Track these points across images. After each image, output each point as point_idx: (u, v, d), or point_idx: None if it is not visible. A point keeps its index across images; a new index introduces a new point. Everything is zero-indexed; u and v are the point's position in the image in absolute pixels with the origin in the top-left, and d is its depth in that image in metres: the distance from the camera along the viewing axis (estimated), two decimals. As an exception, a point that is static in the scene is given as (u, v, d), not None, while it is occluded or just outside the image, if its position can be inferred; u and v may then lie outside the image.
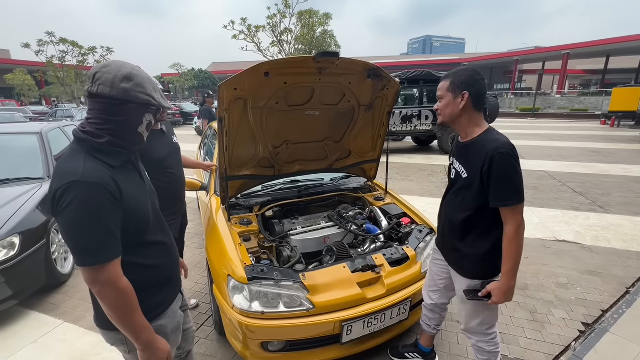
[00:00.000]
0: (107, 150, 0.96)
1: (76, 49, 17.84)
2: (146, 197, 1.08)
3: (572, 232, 3.75)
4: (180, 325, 1.22)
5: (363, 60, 2.10)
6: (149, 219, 1.06)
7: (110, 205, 0.90)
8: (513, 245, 1.27)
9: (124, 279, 0.94)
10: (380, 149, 2.69)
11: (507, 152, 1.24)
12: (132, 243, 1.01)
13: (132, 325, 0.96)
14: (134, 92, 0.94)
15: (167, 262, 1.16)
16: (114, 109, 0.95)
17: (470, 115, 1.34)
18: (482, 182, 1.28)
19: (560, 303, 2.48)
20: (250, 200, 2.43)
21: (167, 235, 1.19)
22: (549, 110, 24.10)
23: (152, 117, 1.04)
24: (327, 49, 20.58)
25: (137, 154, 1.12)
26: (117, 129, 0.97)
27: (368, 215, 2.43)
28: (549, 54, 32.17)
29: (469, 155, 1.35)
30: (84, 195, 0.86)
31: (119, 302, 0.92)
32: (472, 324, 1.52)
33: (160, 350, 1.03)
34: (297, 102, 2.15)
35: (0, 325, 2.29)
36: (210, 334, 2.17)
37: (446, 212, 1.54)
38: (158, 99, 1.01)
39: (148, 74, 1.03)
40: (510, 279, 1.30)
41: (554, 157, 8.14)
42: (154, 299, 1.10)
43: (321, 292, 1.68)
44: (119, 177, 0.96)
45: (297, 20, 18.73)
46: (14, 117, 11.76)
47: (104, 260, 0.89)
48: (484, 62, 39.04)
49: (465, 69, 1.35)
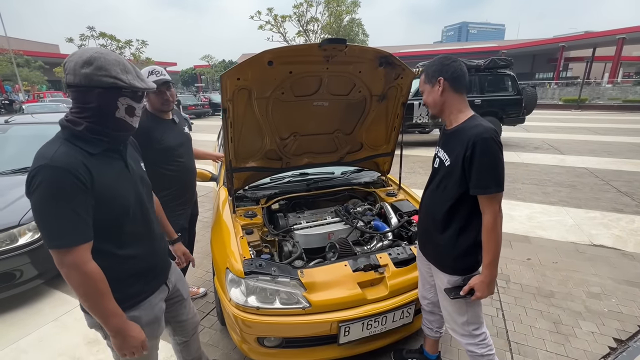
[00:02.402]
0: (86, 137, 0.97)
1: (114, 42, 18.84)
2: (128, 186, 1.07)
3: (612, 237, 3.40)
4: (158, 318, 1.21)
5: (379, 48, 1.98)
6: (129, 208, 1.05)
7: (76, 190, 0.90)
8: (492, 236, 1.26)
9: (91, 265, 0.93)
10: (395, 142, 2.55)
11: (490, 137, 1.21)
12: (110, 231, 1.01)
13: (100, 310, 0.96)
14: (95, 76, 0.91)
15: (148, 254, 1.15)
16: (83, 96, 0.94)
17: (452, 99, 1.35)
18: (464, 168, 1.27)
19: (590, 315, 2.25)
20: (258, 193, 2.40)
21: (150, 226, 1.17)
22: (597, 102, 22.07)
23: (129, 100, 0.99)
24: (354, 37, 20.12)
25: (125, 142, 1.11)
26: (93, 116, 0.96)
27: (378, 211, 2.33)
28: (600, 39, 29.28)
29: (452, 143, 1.34)
30: (49, 179, 0.87)
31: (85, 286, 0.93)
32: (457, 322, 1.46)
33: (133, 337, 1.02)
34: (304, 92, 2.07)
35: (29, 302, 2.47)
36: (215, 324, 2.20)
37: (427, 204, 1.51)
38: (128, 80, 0.96)
39: (117, 56, 0.98)
40: (492, 270, 1.29)
41: (598, 152, 7.44)
42: (130, 289, 1.10)
43: (319, 290, 1.62)
44: (96, 164, 0.96)
45: (324, 8, 18.39)
46: (59, 107, 12.66)
47: (69, 245, 0.90)
48: (525, 49, 36.38)
49: (435, 59, 1.39)
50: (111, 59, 0.95)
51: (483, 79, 7.94)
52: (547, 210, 4.14)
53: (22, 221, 2.35)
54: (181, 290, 1.43)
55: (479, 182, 1.23)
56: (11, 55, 21.00)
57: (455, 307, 1.44)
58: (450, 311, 1.47)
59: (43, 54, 29.01)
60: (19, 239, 2.31)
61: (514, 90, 7.98)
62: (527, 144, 8.62)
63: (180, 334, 1.54)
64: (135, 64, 9.36)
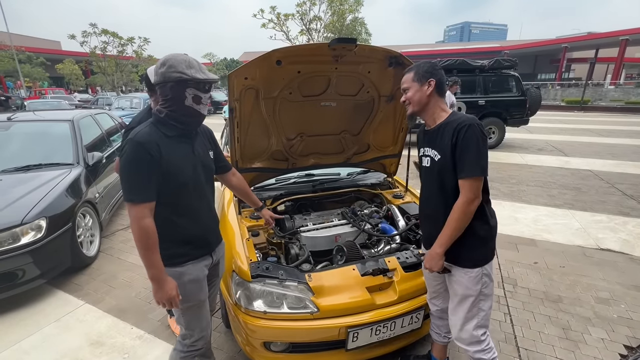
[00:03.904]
0: (167, 122, 1.24)
1: (116, 39, 18.78)
2: (189, 165, 1.28)
3: (619, 241, 3.36)
4: (200, 279, 1.39)
5: (388, 48, 1.94)
6: (186, 184, 1.27)
7: (147, 161, 1.15)
8: (456, 215, 1.30)
9: (147, 221, 1.16)
10: (402, 144, 2.52)
11: (474, 124, 1.29)
12: (169, 200, 1.23)
13: (145, 259, 1.18)
14: (168, 73, 1.16)
15: (198, 226, 1.36)
16: (163, 90, 1.20)
17: (436, 100, 1.41)
18: (454, 157, 1.32)
19: (599, 321, 2.22)
20: (263, 194, 2.37)
21: (203, 203, 1.37)
22: (599, 103, 21.98)
23: (195, 90, 1.21)
24: (357, 37, 20.02)
25: (195, 130, 1.34)
26: (170, 105, 1.21)
27: (385, 213, 2.29)
28: (603, 40, 29.18)
29: (439, 138, 1.38)
30: (130, 150, 1.15)
31: (139, 237, 1.16)
32: (467, 327, 1.44)
33: (164, 290, 1.21)
34: (312, 92, 2.04)
35: (31, 302, 2.44)
36: (219, 326, 2.17)
37: (429, 206, 1.51)
38: (191, 73, 1.17)
39: (185, 56, 1.21)
40: (438, 245, 1.36)
41: (603, 155, 7.40)
42: (180, 249, 1.32)
43: (327, 294, 1.59)
44: (167, 144, 1.21)
45: (327, 7, 18.31)
46: (61, 104, 12.65)
47: (135, 200, 1.15)
48: (528, 49, 36.27)
49: (425, 62, 1.45)
50: (179, 58, 1.18)
51: (487, 80, 7.89)
52: (553, 213, 4.10)
53: (25, 220, 2.32)
54: (220, 266, 1.59)
55: (463, 165, 1.28)
56: (13, 51, 20.96)
57: (469, 308, 1.42)
58: (463, 313, 1.44)
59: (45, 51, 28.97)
60: (21, 239, 2.28)
61: (518, 91, 7.93)
62: (530, 145, 8.58)
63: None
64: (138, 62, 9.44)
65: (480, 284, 1.39)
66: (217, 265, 1.55)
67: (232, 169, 1.66)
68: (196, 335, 1.44)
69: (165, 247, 1.23)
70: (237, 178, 1.69)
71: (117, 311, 2.33)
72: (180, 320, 1.42)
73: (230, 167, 1.64)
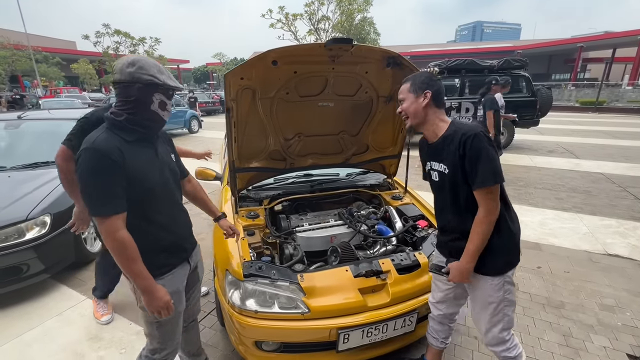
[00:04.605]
0: (126, 127, 1.16)
1: (128, 39, 19.14)
2: (155, 170, 1.23)
3: (628, 246, 3.26)
4: (180, 290, 1.36)
5: (386, 48, 1.93)
6: (154, 189, 1.21)
7: (110, 169, 1.07)
8: (480, 229, 1.29)
9: (122, 232, 1.10)
10: (402, 144, 2.50)
11: (478, 133, 1.26)
12: (138, 208, 1.18)
13: (131, 272, 1.14)
14: (137, 73, 1.12)
15: (171, 231, 1.32)
16: (126, 90, 1.14)
17: (434, 112, 1.38)
18: (463, 169, 1.29)
19: (602, 328, 2.16)
20: (261, 193, 2.38)
21: (174, 208, 1.35)
22: (616, 104, 21.36)
23: (162, 96, 1.19)
24: (365, 36, 19.95)
25: (156, 134, 1.29)
26: (133, 108, 1.15)
27: (382, 215, 2.28)
28: (621, 39, 28.31)
29: (444, 151, 1.36)
30: (89, 160, 1.07)
31: (117, 250, 1.10)
32: (494, 331, 1.44)
33: (157, 298, 1.18)
34: (309, 92, 2.04)
35: (35, 296, 2.50)
36: (215, 324, 2.19)
37: (444, 219, 1.49)
38: (163, 78, 1.16)
39: (155, 61, 1.20)
40: (468, 260, 1.32)
41: (616, 157, 7.19)
42: (153, 260, 1.24)
43: (318, 295, 1.58)
44: (129, 149, 1.14)
45: (336, 7, 18.28)
46: (74, 103, 12.96)
47: (104, 213, 1.08)
48: (541, 49, 35.47)
49: (421, 72, 1.44)
50: (150, 62, 1.16)
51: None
52: (560, 217, 4.01)
53: (30, 216, 2.38)
54: (199, 272, 1.59)
55: (475, 176, 1.25)
56: (30, 51, 21.56)
57: (493, 312, 1.40)
58: (488, 317, 1.42)
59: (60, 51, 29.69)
60: (26, 234, 2.35)
61: (528, 91, 7.78)
62: (540, 147, 8.40)
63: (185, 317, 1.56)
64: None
65: (503, 290, 1.37)
66: (195, 271, 1.54)
67: (188, 176, 1.59)
68: (168, 349, 1.40)
69: (144, 258, 1.16)
70: (193, 185, 1.62)
71: (117, 307, 2.37)
72: (154, 334, 1.35)
73: (187, 174, 1.57)
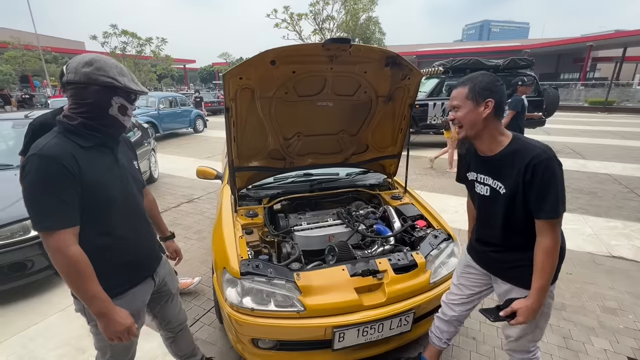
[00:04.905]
0: (81, 132, 1.06)
1: (135, 40, 19.37)
2: (115, 179, 1.13)
3: (633, 248, 3.22)
4: (139, 311, 1.24)
5: (390, 47, 1.92)
6: (114, 200, 1.11)
7: (61, 178, 0.96)
8: (550, 260, 1.17)
9: (74, 248, 0.98)
10: (402, 144, 2.49)
11: (551, 157, 1.13)
12: (94, 220, 1.06)
13: (82, 292, 1.01)
14: (94, 74, 1.01)
15: (132, 246, 1.19)
16: (81, 92, 1.03)
17: (494, 124, 1.24)
18: (524, 193, 1.17)
19: (604, 331, 2.13)
20: (260, 192, 2.40)
21: (136, 220, 1.22)
22: (626, 104, 21.01)
23: (123, 100, 1.09)
24: (370, 36, 19.89)
25: (116, 139, 1.19)
26: (88, 112, 1.05)
27: (381, 214, 2.28)
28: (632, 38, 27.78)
29: (503, 168, 1.23)
30: (37, 167, 0.95)
31: (68, 269, 0.97)
32: (522, 340, 1.38)
33: (117, 322, 1.05)
34: (308, 92, 2.04)
35: (39, 291, 2.56)
36: (214, 322, 2.21)
37: (487, 234, 1.40)
38: (124, 81, 1.05)
39: (116, 61, 1.09)
40: (542, 295, 1.20)
41: (623, 158, 7.08)
42: (113, 278, 1.13)
43: (315, 294, 1.59)
44: (85, 156, 1.03)
45: (341, 6, 18.27)
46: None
47: (51, 227, 0.95)
48: (550, 48, 34.97)
49: (482, 74, 1.25)
50: (110, 62, 1.05)
51: (502, 79, 7.68)
52: (564, 218, 3.90)
53: (35, 213, 2.43)
54: (169, 285, 1.46)
55: (544, 206, 1.14)
56: (40, 52, 21.92)
57: (529, 324, 1.31)
58: (521, 329, 1.35)
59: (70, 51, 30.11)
60: (31, 231, 2.39)
61: (534, 91, 7.69)
62: (547, 147, 8.28)
63: (166, 329, 1.56)
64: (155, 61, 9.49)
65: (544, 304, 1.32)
66: (164, 286, 1.42)
67: (145, 188, 1.45)
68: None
69: (99, 279, 1.04)
70: (148, 200, 1.49)
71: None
72: (106, 351, 1.24)
73: (144, 185, 1.44)
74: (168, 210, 4.29)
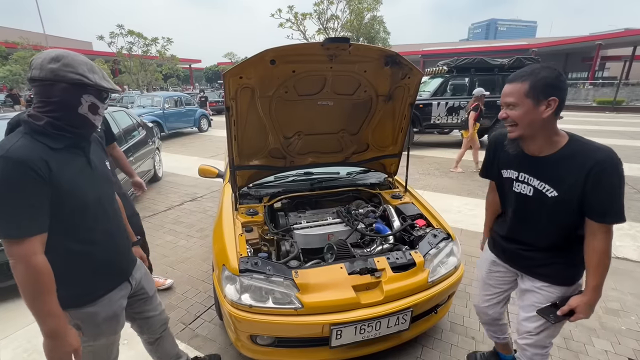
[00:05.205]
0: (48, 132, 0.99)
1: (141, 39, 19.56)
2: (88, 182, 1.08)
3: (638, 250, 3.18)
4: (117, 314, 1.21)
5: (385, 47, 1.93)
6: (87, 204, 1.05)
7: (30, 182, 0.90)
8: (604, 260, 1.18)
9: (39, 258, 0.92)
10: (402, 144, 2.49)
11: (616, 162, 1.10)
12: (67, 225, 1.01)
13: (38, 307, 0.94)
14: (62, 71, 0.95)
15: (107, 250, 1.15)
16: (47, 90, 0.97)
17: (552, 123, 1.16)
18: (582, 198, 1.14)
19: (605, 332, 2.12)
20: (261, 191, 2.42)
21: (111, 224, 1.18)
22: (635, 104, 20.68)
23: (93, 98, 1.03)
24: (375, 35, 19.82)
25: (87, 139, 1.13)
26: (55, 111, 0.99)
27: (381, 213, 2.28)
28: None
29: (558, 172, 1.18)
30: (2, 170, 0.88)
31: (28, 280, 0.91)
32: (541, 335, 1.38)
33: (66, 343, 0.98)
34: (308, 91, 2.06)
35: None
36: (214, 319, 2.23)
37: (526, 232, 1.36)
38: (94, 78, 1.00)
39: (85, 58, 1.03)
40: (598, 293, 1.22)
41: (631, 158, 6.98)
42: (88, 284, 1.11)
43: (312, 291, 1.61)
44: (56, 158, 0.97)
45: (345, 5, 18.25)
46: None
47: (17, 235, 0.90)
48: (558, 47, 34.54)
49: (544, 68, 1.13)
50: (79, 59, 1.00)
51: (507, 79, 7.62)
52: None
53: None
54: (146, 287, 1.42)
55: (608, 211, 1.12)
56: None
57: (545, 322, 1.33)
58: (540, 324, 1.36)
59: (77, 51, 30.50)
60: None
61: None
62: (553, 147, 8.19)
63: (148, 332, 1.52)
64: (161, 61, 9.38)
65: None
66: (141, 289, 1.38)
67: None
68: None
69: (71, 284, 1.02)
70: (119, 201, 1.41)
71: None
72: (87, 357, 1.20)
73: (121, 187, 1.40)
74: (172, 209, 4.34)
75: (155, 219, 4.03)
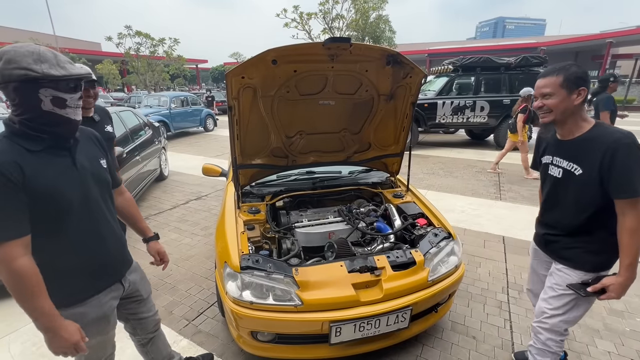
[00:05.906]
0: (26, 134, 0.96)
1: (148, 40, 19.75)
2: (72, 182, 1.04)
3: (645, 250, 3.13)
4: (107, 315, 1.19)
5: (386, 47, 1.93)
6: (71, 205, 1.02)
7: (2, 188, 0.88)
8: (635, 238, 1.22)
9: (20, 261, 0.91)
10: (404, 143, 2.49)
11: (632, 142, 1.20)
12: (50, 227, 1.00)
13: (31, 309, 0.94)
14: (6, 70, 0.88)
15: (96, 251, 1.13)
16: (6, 93, 0.92)
17: (581, 110, 1.33)
18: (601, 176, 1.25)
19: (609, 333, 2.10)
20: (263, 189, 2.44)
21: (101, 224, 1.15)
22: (646, 103, 20.28)
23: (52, 91, 0.94)
24: (380, 35, 19.73)
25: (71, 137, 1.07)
26: (23, 112, 0.95)
27: (382, 212, 2.29)
28: (654, 34, 26.77)
29: (581, 151, 1.31)
30: None
31: (14, 283, 0.92)
32: (556, 318, 1.44)
33: (64, 338, 0.99)
34: (310, 91, 2.07)
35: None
36: (217, 315, 2.27)
37: (555, 216, 1.48)
38: (42, 69, 0.90)
39: (34, 47, 0.93)
40: (632, 272, 1.26)
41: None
42: (76, 285, 1.10)
43: (312, 289, 1.62)
44: (33, 161, 0.94)
45: (350, 5, 18.20)
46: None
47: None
48: (567, 45, 34.00)
49: (572, 64, 1.32)
50: (22, 50, 0.90)
51: (514, 78, 7.56)
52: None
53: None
54: (141, 290, 1.41)
55: (622, 186, 1.21)
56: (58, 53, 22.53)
57: (571, 303, 1.40)
58: (558, 306, 1.43)
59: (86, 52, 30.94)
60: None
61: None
62: (560, 147, 8.08)
63: (141, 333, 1.52)
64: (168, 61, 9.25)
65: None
66: (135, 292, 1.37)
67: (120, 187, 1.39)
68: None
69: (60, 285, 1.02)
70: (124, 198, 1.42)
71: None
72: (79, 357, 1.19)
73: (119, 183, 1.37)
74: (177, 207, 4.40)
75: (161, 217, 4.09)
